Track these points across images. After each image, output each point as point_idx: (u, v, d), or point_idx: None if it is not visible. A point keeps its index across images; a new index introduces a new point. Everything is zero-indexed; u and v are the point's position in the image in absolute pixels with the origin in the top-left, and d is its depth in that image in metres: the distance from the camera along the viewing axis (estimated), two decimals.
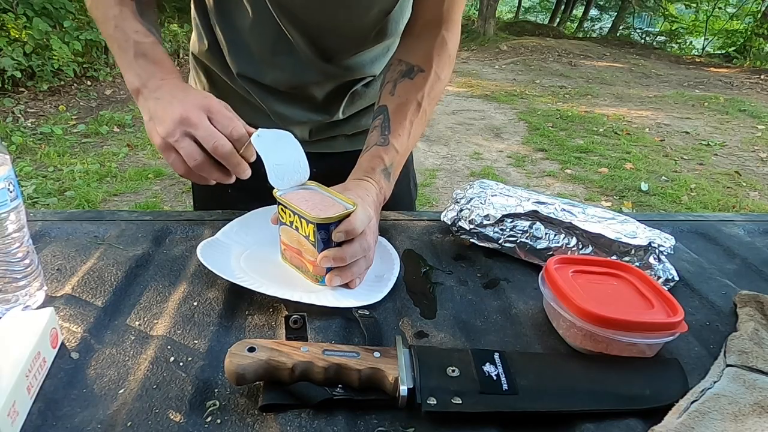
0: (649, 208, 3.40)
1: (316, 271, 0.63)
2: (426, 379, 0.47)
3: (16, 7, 4.66)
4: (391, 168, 0.75)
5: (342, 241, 0.61)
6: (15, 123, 4.15)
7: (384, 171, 0.74)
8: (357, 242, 0.62)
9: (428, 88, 0.79)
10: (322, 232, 0.61)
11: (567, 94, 6.59)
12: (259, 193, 0.89)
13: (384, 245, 0.74)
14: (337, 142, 0.98)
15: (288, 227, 0.65)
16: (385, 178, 0.74)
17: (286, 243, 0.67)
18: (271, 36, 0.82)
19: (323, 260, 0.61)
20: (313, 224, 0.60)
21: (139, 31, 0.71)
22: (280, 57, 0.84)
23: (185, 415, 0.45)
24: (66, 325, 0.56)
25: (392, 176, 0.76)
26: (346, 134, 0.98)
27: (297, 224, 0.63)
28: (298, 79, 0.86)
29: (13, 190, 0.54)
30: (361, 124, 0.98)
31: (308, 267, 0.64)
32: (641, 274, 0.61)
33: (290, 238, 0.66)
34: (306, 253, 0.64)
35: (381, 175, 0.74)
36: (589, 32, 14.14)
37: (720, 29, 12.55)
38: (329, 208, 0.63)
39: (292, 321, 0.53)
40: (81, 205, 2.99)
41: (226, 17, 0.84)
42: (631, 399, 0.48)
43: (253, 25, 0.82)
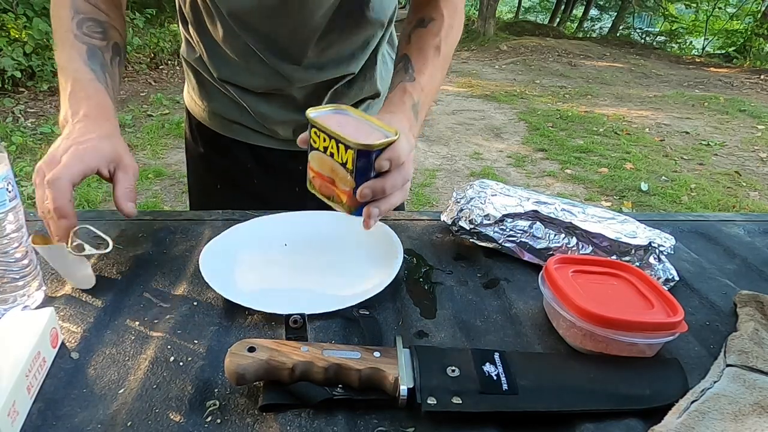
0: (649, 208, 3.40)
1: (350, 202, 0.60)
2: (426, 379, 0.47)
3: (16, 7, 4.66)
4: (419, 106, 0.73)
5: (381, 171, 0.58)
6: (15, 123, 4.15)
7: (413, 107, 0.72)
8: (398, 172, 0.59)
9: (444, 33, 0.78)
10: (362, 159, 0.56)
11: (567, 94, 6.59)
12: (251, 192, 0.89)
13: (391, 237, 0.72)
14: None
15: (320, 153, 0.60)
16: (413, 114, 0.72)
17: (315, 170, 0.62)
18: (239, 46, 0.83)
19: (364, 193, 0.58)
20: (353, 150, 0.56)
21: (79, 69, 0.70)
22: (252, 64, 0.85)
23: (185, 415, 0.45)
24: (66, 325, 0.56)
25: (420, 116, 0.74)
26: None
27: (333, 150, 0.58)
28: (274, 83, 0.87)
29: (12, 190, 0.54)
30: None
31: (341, 198, 0.60)
32: (641, 274, 0.61)
33: (322, 166, 0.61)
34: (340, 183, 0.59)
35: (410, 110, 0.71)
36: (589, 32, 14.14)
37: (720, 29, 12.55)
38: (370, 134, 0.58)
39: (292, 321, 0.53)
40: (81, 205, 2.99)
41: (202, 28, 0.86)
42: (631, 399, 0.48)
43: (224, 36, 0.83)
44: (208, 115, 0.96)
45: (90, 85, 0.70)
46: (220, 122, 0.95)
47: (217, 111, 0.95)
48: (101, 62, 0.72)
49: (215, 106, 0.94)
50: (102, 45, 0.74)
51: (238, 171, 0.98)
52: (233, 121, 0.94)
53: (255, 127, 0.94)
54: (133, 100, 5.10)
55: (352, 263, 0.70)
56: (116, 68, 0.76)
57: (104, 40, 0.75)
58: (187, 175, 1.06)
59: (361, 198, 0.58)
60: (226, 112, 0.94)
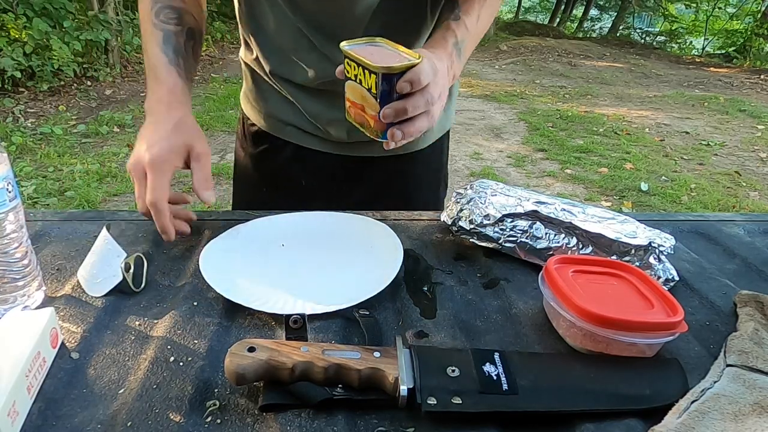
0: (649, 208, 3.40)
1: (377, 126, 0.63)
2: (426, 379, 0.47)
3: (16, 7, 4.65)
4: (462, 45, 0.73)
5: (405, 94, 0.60)
6: (15, 123, 4.15)
7: (455, 45, 0.72)
8: (420, 95, 0.61)
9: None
10: (384, 83, 0.59)
11: (567, 94, 6.58)
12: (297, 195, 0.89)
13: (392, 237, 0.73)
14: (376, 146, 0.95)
15: (353, 82, 0.64)
16: (456, 53, 0.72)
17: (350, 99, 0.67)
18: (291, 35, 0.84)
19: (386, 113, 0.60)
20: (376, 74, 0.59)
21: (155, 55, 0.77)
22: (302, 54, 0.85)
23: (185, 415, 0.45)
24: (66, 325, 0.56)
25: (462, 55, 0.74)
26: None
27: (361, 77, 0.62)
28: (325, 75, 0.85)
29: (12, 190, 0.54)
30: None
31: (370, 122, 0.64)
32: (641, 274, 0.61)
33: (354, 94, 0.65)
34: (368, 108, 0.63)
35: (452, 47, 0.71)
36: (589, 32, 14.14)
37: (720, 29, 12.54)
38: (394, 59, 0.61)
39: (292, 321, 0.53)
40: (81, 205, 2.99)
41: (254, 21, 0.87)
42: (631, 399, 0.48)
43: (275, 26, 0.84)
44: (263, 116, 0.97)
45: (163, 68, 0.76)
46: (274, 124, 0.96)
47: (271, 112, 0.95)
48: (174, 46, 0.78)
49: (269, 108, 0.95)
50: (177, 30, 0.79)
51: (288, 174, 0.98)
52: (287, 123, 0.94)
53: (308, 128, 0.94)
54: (133, 100, 5.10)
55: (353, 263, 0.70)
56: (190, 51, 0.81)
57: (179, 26, 0.80)
58: (234, 176, 1.07)
59: (384, 118, 0.61)
60: (280, 113, 0.94)
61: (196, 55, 0.84)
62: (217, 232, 0.74)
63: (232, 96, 5.33)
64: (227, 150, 3.90)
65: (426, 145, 1.00)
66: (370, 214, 0.83)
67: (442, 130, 1.04)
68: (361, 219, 0.79)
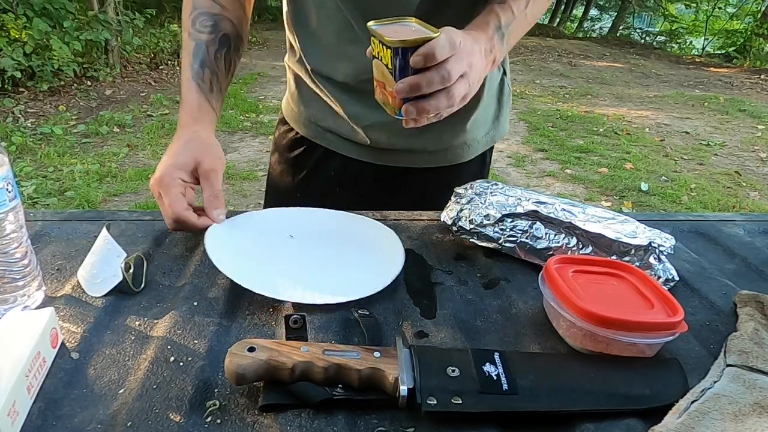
0: (649, 208, 3.40)
1: (394, 103, 0.61)
2: (426, 379, 0.47)
3: (16, 7, 4.65)
4: (506, 29, 0.70)
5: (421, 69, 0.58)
6: (15, 123, 4.15)
7: (497, 28, 0.69)
8: (436, 70, 0.58)
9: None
10: (398, 58, 0.58)
11: (567, 94, 6.58)
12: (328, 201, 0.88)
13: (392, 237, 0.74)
14: (415, 156, 0.94)
15: (376, 59, 0.63)
16: (498, 37, 0.69)
17: (376, 79, 0.66)
18: (335, 27, 0.82)
19: (399, 88, 0.59)
20: (391, 49, 0.58)
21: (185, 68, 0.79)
22: (345, 47, 0.83)
23: (185, 415, 0.45)
24: (66, 325, 0.56)
25: (506, 39, 0.71)
26: (428, 150, 0.93)
27: (381, 53, 0.61)
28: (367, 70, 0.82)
29: (12, 191, 0.54)
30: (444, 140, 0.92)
31: (389, 99, 0.62)
32: (641, 274, 0.61)
33: (378, 72, 0.64)
34: (387, 85, 0.62)
35: (494, 31, 0.68)
36: (589, 32, 14.14)
37: (720, 29, 12.54)
38: (412, 35, 0.59)
39: (292, 321, 0.53)
40: (81, 205, 2.99)
41: (299, 17, 0.86)
42: (631, 399, 0.48)
43: (318, 18, 0.83)
44: (303, 122, 0.96)
45: (186, 84, 0.79)
46: (314, 130, 0.95)
47: (312, 117, 0.94)
48: (203, 58, 0.79)
49: (310, 112, 0.94)
50: (209, 39, 0.80)
51: (323, 181, 0.97)
52: (327, 130, 0.93)
53: (348, 135, 0.92)
54: (133, 100, 5.10)
55: (355, 261, 0.71)
56: (221, 60, 0.81)
57: (212, 34, 0.80)
58: (267, 181, 1.06)
59: (397, 93, 0.59)
60: (321, 118, 0.93)
61: (229, 63, 0.83)
62: None
63: (232, 96, 5.33)
64: (228, 150, 3.90)
65: (470, 157, 0.96)
66: (370, 214, 0.83)
67: (490, 142, 1.00)
68: (369, 221, 0.79)
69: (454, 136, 0.92)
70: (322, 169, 0.96)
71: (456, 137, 0.93)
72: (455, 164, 0.95)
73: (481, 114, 0.93)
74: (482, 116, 0.94)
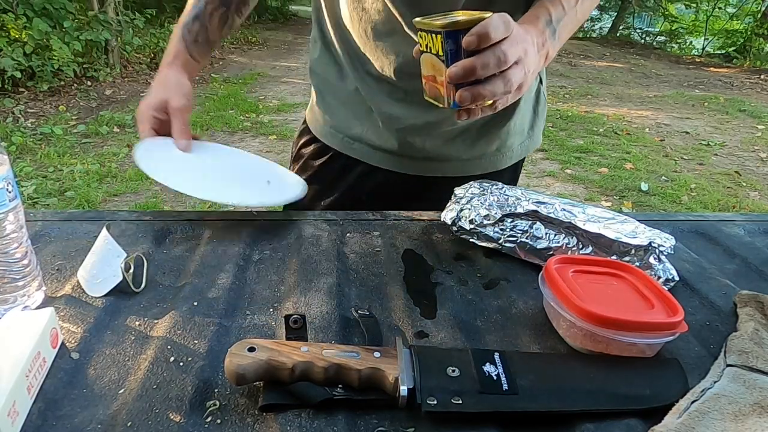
0: (649, 208, 3.40)
1: (447, 93, 0.58)
2: (426, 379, 0.47)
3: (16, 7, 4.65)
4: (557, 25, 0.67)
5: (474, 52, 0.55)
6: (15, 123, 4.15)
7: (548, 23, 0.66)
8: (491, 52, 0.55)
9: None
10: (450, 41, 0.54)
11: (567, 94, 6.58)
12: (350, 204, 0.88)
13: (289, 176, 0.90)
14: (448, 165, 0.92)
15: (425, 53, 0.60)
16: (549, 31, 0.66)
17: (425, 75, 0.63)
18: (371, 16, 0.80)
19: (453, 72, 0.55)
20: (441, 34, 0.55)
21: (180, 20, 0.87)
22: (382, 40, 0.81)
23: (185, 415, 0.45)
24: (66, 325, 0.56)
25: (558, 35, 0.67)
26: (462, 158, 0.91)
27: (430, 44, 0.58)
28: (405, 64, 0.80)
29: (12, 191, 0.54)
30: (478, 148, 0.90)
31: (441, 91, 0.59)
32: (641, 274, 0.61)
33: (427, 66, 0.61)
34: (438, 75, 0.58)
35: (545, 25, 0.65)
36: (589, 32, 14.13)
37: (720, 29, 12.54)
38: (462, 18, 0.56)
39: (292, 321, 0.53)
40: (81, 205, 2.99)
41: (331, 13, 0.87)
42: (631, 399, 0.48)
43: (352, 10, 0.82)
44: (329, 131, 0.94)
45: (175, 31, 0.87)
46: (340, 140, 0.93)
47: (337, 127, 0.92)
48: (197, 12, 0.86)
49: (336, 121, 0.92)
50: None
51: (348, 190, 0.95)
52: (354, 138, 0.91)
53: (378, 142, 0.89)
54: (133, 100, 5.10)
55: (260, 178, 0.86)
56: (217, 17, 0.87)
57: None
58: None
59: (451, 78, 0.56)
60: (347, 126, 0.91)
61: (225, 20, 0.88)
62: (218, 232, 0.74)
63: (232, 96, 5.33)
64: None
65: (503, 166, 0.94)
66: (370, 214, 0.83)
67: (524, 152, 0.97)
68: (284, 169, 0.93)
69: (489, 143, 0.90)
70: (347, 179, 0.95)
71: (491, 144, 0.91)
72: (486, 173, 0.92)
73: (518, 122, 0.91)
74: (518, 124, 0.92)
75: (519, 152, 0.96)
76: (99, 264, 0.63)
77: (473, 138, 0.89)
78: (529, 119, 0.95)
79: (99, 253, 0.64)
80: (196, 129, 4.25)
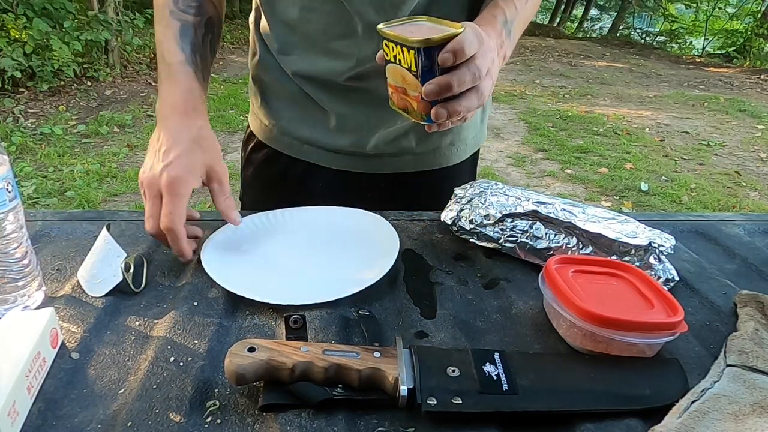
0: (649, 208, 3.40)
1: (420, 108, 0.58)
2: (426, 379, 0.47)
3: (16, 7, 4.65)
4: (511, 25, 0.67)
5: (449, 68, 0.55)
6: (15, 123, 4.15)
7: (504, 24, 0.66)
8: (465, 67, 0.55)
9: None
10: (424, 58, 0.54)
11: (567, 94, 6.58)
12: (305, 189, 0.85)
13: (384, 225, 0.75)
14: (402, 160, 0.90)
15: (393, 64, 0.60)
16: (505, 32, 0.66)
17: (392, 85, 0.62)
18: (322, 18, 0.78)
19: (428, 90, 0.55)
20: (415, 50, 0.54)
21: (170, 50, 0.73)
22: (334, 42, 0.79)
23: (185, 415, 0.45)
24: (66, 325, 0.56)
25: (513, 36, 0.68)
26: (415, 152, 0.90)
27: (399, 56, 0.57)
28: (358, 66, 0.78)
29: (12, 191, 0.54)
30: (431, 142, 0.89)
31: (413, 105, 0.59)
32: (641, 274, 0.61)
33: (395, 77, 0.60)
34: (410, 89, 0.58)
35: (501, 25, 0.66)
36: (589, 32, 14.14)
37: (720, 29, 12.55)
38: (434, 33, 0.56)
39: (292, 321, 0.53)
40: (81, 205, 2.99)
41: (274, 15, 0.82)
42: (631, 399, 0.48)
43: (301, 13, 0.78)
44: (276, 135, 0.90)
45: (179, 67, 0.72)
46: (289, 143, 0.90)
47: (284, 130, 0.89)
48: (192, 41, 0.74)
49: (283, 124, 0.89)
50: (195, 21, 0.75)
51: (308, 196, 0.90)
52: (304, 141, 0.89)
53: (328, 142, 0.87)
54: (133, 100, 5.10)
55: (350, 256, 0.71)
56: (207, 46, 0.77)
57: (198, 16, 0.75)
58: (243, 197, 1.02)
59: (427, 95, 0.55)
60: (295, 128, 0.88)
61: (214, 51, 0.79)
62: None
63: (232, 96, 5.33)
64: (228, 150, 3.90)
65: (459, 159, 0.94)
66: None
67: (476, 145, 0.97)
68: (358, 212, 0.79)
69: (442, 136, 0.90)
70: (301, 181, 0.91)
71: (443, 137, 0.90)
72: (445, 167, 0.92)
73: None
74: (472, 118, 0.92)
75: (473, 144, 0.96)
76: (99, 264, 0.63)
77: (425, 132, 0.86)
78: (479, 112, 0.94)
79: (99, 253, 0.64)
80: None
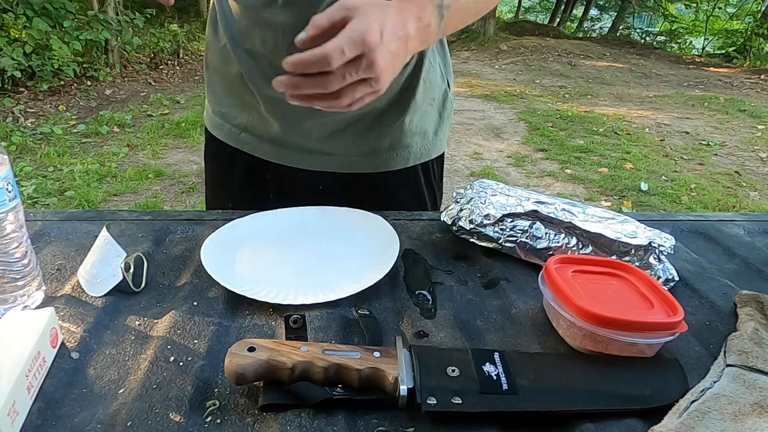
0: (649, 208, 3.40)
1: None
2: (426, 379, 0.47)
3: (16, 7, 4.65)
4: (446, 10, 0.62)
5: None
6: (15, 123, 4.15)
7: (438, 6, 0.61)
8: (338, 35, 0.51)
9: None
10: None
11: (567, 94, 6.59)
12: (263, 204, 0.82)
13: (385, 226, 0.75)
14: (337, 159, 0.87)
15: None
16: (436, 13, 0.61)
17: None
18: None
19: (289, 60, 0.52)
20: None
21: None
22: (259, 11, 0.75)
23: (185, 415, 0.45)
24: (66, 325, 0.56)
25: (445, 21, 0.62)
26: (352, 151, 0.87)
27: None
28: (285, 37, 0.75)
29: (12, 190, 0.54)
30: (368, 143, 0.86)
31: None
32: (641, 274, 0.61)
33: None
34: None
35: (430, 5, 0.60)
36: (589, 32, 14.13)
37: (720, 29, 12.54)
38: None
39: (292, 321, 0.53)
40: (81, 205, 2.99)
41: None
42: (631, 399, 0.48)
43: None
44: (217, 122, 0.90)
45: None
46: (228, 132, 0.89)
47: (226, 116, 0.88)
48: None
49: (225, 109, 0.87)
50: None
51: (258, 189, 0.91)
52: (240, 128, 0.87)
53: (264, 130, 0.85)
54: (133, 100, 5.10)
55: (350, 257, 0.71)
56: None
57: None
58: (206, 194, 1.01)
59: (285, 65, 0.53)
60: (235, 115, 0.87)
61: None
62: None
63: None
64: None
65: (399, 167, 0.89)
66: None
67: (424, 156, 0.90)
68: (358, 212, 0.79)
69: (380, 138, 0.86)
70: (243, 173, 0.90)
71: (382, 140, 0.86)
72: (385, 172, 0.88)
73: (416, 121, 0.86)
74: (417, 124, 0.87)
75: (418, 155, 0.90)
76: (99, 264, 0.63)
77: (363, 131, 0.85)
78: (434, 122, 0.90)
79: (99, 253, 0.64)
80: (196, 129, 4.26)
